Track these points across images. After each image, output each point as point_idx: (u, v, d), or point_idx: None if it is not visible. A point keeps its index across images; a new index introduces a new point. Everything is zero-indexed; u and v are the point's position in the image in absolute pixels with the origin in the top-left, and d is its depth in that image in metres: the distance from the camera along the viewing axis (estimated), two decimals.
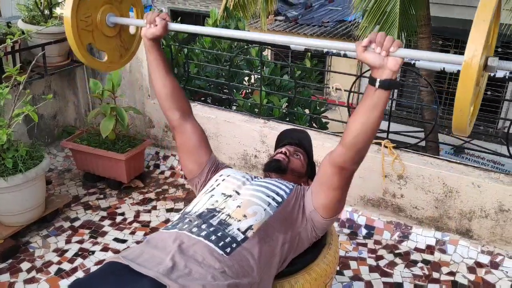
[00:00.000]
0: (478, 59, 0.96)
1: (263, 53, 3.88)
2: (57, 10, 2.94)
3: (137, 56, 2.92)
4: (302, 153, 1.81)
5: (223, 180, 1.58)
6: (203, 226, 1.35)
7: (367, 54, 1.17)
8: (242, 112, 3.02)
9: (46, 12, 2.95)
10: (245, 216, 1.40)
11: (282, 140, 1.93)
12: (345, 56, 1.57)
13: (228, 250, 1.29)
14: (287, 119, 3.56)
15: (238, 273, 1.27)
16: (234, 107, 3.80)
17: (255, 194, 1.48)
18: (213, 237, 1.31)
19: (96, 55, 2.82)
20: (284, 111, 3.52)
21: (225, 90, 3.99)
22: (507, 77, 1.51)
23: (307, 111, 3.88)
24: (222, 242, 1.31)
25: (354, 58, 1.31)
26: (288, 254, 1.46)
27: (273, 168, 1.70)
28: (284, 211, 1.46)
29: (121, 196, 2.88)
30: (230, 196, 1.49)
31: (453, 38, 9.73)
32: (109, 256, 2.32)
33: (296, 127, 1.94)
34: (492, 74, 1.24)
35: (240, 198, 1.47)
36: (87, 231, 2.53)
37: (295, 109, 3.63)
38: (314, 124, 3.94)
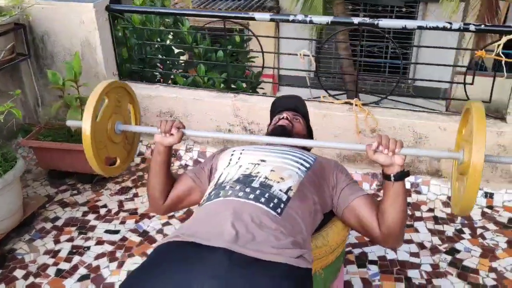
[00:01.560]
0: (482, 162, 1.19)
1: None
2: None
3: (89, 42, 2.82)
4: (300, 117, 1.89)
5: (241, 154, 1.60)
6: (247, 190, 1.39)
7: (378, 155, 1.38)
8: (210, 89, 3.02)
9: None
10: (282, 178, 1.45)
11: (277, 107, 1.99)
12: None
13: (279, 210, 1.35)
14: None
15: (292, 232, 1.34)
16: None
17: (283, 161, 1.54)
18: (262, 199, 1.36)
19: None
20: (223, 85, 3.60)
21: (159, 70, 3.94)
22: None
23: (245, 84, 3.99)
24: (272, 203, 1.36)
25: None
26: (319, 213, 1.55)
27: (280, 133, 1.77)
28: (313, 175, 1.53)
29: (96, 188, 2.78)
30: (258, 164, 1.53)
31: (361, 2, 10.26)
32: (106, 248, 2.27)
33: (288, 94, 2.00)
34: None
35: (270, 164, 1.52)
36: (73, 228, 2.43)
37: (235, 83, 3.74)
38: None
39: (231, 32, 4.13)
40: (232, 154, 1.61)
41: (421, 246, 2.24)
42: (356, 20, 2.38)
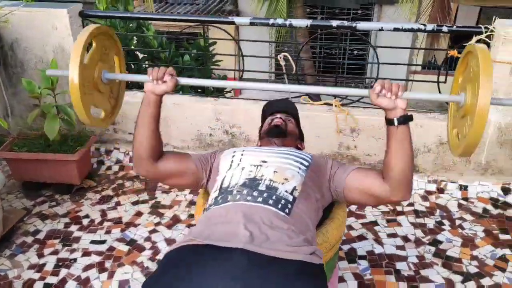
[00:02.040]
0: (488, 106, 1.21)
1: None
2: None
3: (63, 49, 2.75)
4: (292, 118, 1.93)
5: (242, 155, 1.62)
6: (255, 193, 1.41)
7: (381, 99, 1.38)
8: (189, 94, 3.01)
9: None
10: (286, 179, 1.48)
11: (269, 110, 2.02)
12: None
13: (287, 210, 1.38)
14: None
15: (302, 230, 1.37)
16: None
17: (284, 161, 1.56)
18: (270, 201, 1.38)
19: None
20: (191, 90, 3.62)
21: None
22: None
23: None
24: (280, 205, 1.39)
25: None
26: (320, 210, 1.59)
27: (276, 133, 1.79)
28: (313, 173, 1.56)
29: (75, 199, 2.70)
30: (261, 165, 1.55)
31: (317, 5, 10.49)
32: (93, 259, 2.22)
33: (278, 98, 2.05)
34: None
35: (272, 166, 1.54)
36: (56, 240, 2.36)
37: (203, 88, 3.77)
38: None
39: (194, 36, 4.15)
40: (233, 156, 1.62)
41: (405, 239, 2.33)
42: (334, 23, 2.44)
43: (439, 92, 2.65)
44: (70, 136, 2.67)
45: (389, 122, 1.41)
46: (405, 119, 1.39)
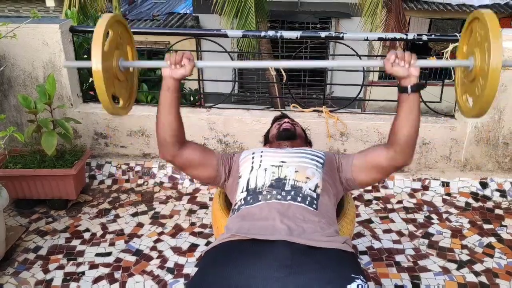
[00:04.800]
0: (500, 62, 1.27)
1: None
2: None
3: (54, 64, 2.75)
4: (297, 123, 2.06)
5: (261, 157, 1.71)
6: (283, 193, 1.51)
7: (395, 67, 1.44)
8: (182, 104, 3.06)
9: None
10: (307, 177, 1.58)
11: (275, 119, 2.13)
12: None
13: (314, 206, 1.49)
14: None
15: (330, 222, 1.48)
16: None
17: (302, 160, 1.67)
18: (299, 199, 1.49)
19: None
20: None
21: None
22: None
23: None
24: (307, 201, 1.49)
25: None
26: (336, 204, 1.70)
27: (287, 135, 1.90)
28: (328, 169, 1.68)
29: (72, 214, 2.68)
30: (281, 166, 1.64)
31: (277, 20, 10.78)
32: (102, 271, 2.22)
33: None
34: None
35: (291, 165, 1.63)
36: (60, 255, 2.34)
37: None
38: None
39: (162, 51, 4.21)
40: (253, 157, 1.70)
41: (400, 234, 2.48)
42: (323, 34, 2.59)
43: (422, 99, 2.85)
44: (67, 151, 2.66)
45: (403, 89, 1.47)
46: (418, 87, 1.46)
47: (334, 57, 10.24)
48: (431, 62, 1.54)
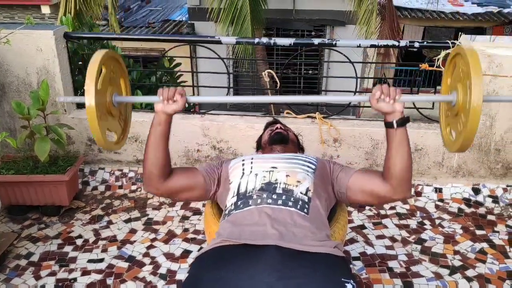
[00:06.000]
0: (481, 101, 1.30)
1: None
2: None
3: (48, 70, 2.76)
4: (289, 129, 2.07)
5: (251, 163, 1.71)
6: (274, 197, 1.51)
7: (380, 104, 1.48)
8: None
9: None
10: (298, 181, 1.59)
11: (267, 125, 2.14)
12: None
13: (306, 210, 1.49)
14: None
15: (321, 226, 1.49)
16: None
17: (293, 165, 1.67)
18: (290, 203, 1.49)
19: None
20: None
21: None
22: None
23: None
24: (299, 205, 1.49)
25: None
26: (328, 209, 1.71)
27: (279, 140, 1.91)
28: (320, 175, 1.69)
29: (64, 220, 2.67)
30: (272, 171, 1.65)
31: (272, 27, 10.84)
32: (94, 277, 2.21)
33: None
34: None
35: (282, 170, 1.64)
36: (52, 262, 2.33)
37: None
38: None
39: (157, 58, 4.25)
40: (243, 164, 1.71)
41: (393, 239, 2.49)
42: (316, 41, 2.61)
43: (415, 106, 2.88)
44: (60, 157, 2.66)
45: (389, 125, 1.51)
46: (403, 121, 1.49)
47: (329, 65, 10.41)
48: (416, 97, 1.59)
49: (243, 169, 1.69)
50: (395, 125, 1.49)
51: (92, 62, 1.44)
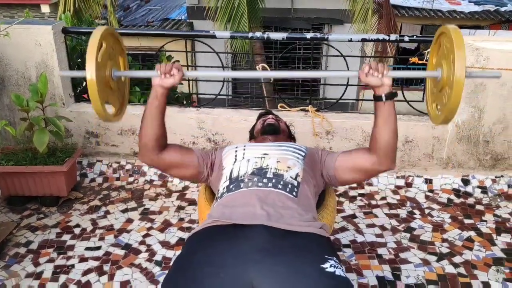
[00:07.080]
0: (464, 71, 1.38)
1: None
2: None
3: (47, 64, 2.82)
4: (281, 119, 2.13)
5: (244, 150, 1.78)
6: (264, 180, 1.57)
7: (369, 77, 1.55)
8: (172, 104, 3.13)
9: None
10: (289, 167, 1.65)
11: (260, 116, 2.21)
12: None
13: (294, 193, 1.55)
14: None
15: (309, 209, 1.55)
16: None
17: (284, 152, 1.74)
18: (279, 186, 1.55)
19: None
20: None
21: None
22: None
23: None
24: (288, 188, 1.56)
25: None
26: (317, 195, 1.77)
27: (271, 130, 1.98)
28: (309, 161, 1.75)
29: (63, 210, 2.74)
30: (264, 157, 1.71)
31: (271, 26, 10.90)
32: (91, 264, 2.27)
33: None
34: None
35: (273, 157, 1.71)
36: (50, 250, 2.39)
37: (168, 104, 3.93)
38: None
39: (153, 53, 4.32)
40: (236, 151, 1.77)
41: (383, 228, 2.55)
42: (309, 35, 2.67)
43: (406, 100, 2.94)
44: (58, 149, 2.72)
45: (377, 98, 1.57)
46: (391, 95, 1.56)
47: (327, 59, 10.47)
48: (403, 73, 1.64)
49: (236, 156, 1.75)
50: (383, 98, 1.56)
51: (93, 36, 1.50)
